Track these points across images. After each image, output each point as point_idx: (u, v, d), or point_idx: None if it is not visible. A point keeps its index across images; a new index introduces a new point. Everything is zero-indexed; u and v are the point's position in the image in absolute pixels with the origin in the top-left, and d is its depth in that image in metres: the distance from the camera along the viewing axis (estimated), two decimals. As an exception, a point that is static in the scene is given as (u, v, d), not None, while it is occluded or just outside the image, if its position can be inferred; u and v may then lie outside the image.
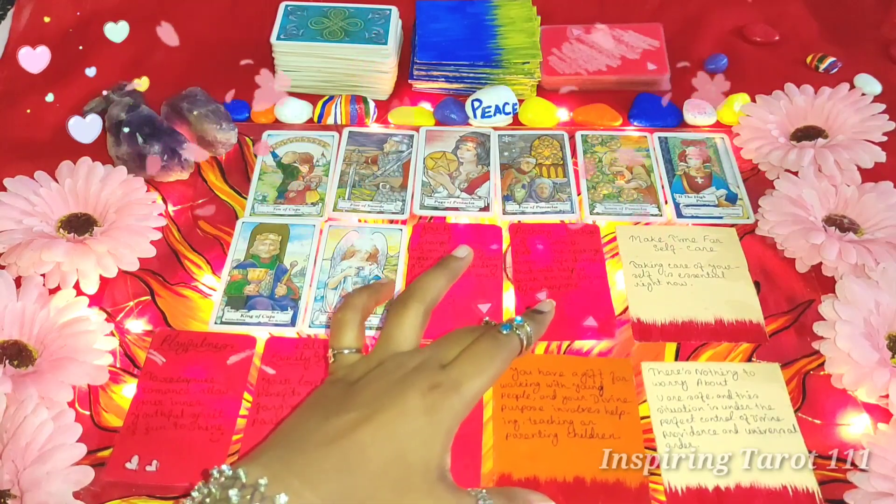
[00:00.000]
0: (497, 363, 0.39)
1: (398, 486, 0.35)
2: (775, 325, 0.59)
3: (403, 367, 0.39)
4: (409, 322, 0.42)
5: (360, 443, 0.35)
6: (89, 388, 0.55)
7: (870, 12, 0.87)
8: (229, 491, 0.32)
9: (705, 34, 0.85)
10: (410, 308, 0.42)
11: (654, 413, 0.54)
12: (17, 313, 0.56)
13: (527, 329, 0.42)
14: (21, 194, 0.63)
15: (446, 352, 0.40)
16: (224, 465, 0.34)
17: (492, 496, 0.38)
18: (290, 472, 0.34)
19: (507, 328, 0.41)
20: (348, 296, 0.45)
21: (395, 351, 0.41)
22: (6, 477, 0.46)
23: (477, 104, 0.74)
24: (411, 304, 0.43)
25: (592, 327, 0.59)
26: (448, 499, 0.36)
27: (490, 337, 0.40)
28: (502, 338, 0.40)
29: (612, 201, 0.68)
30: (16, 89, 0.77)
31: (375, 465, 0.35)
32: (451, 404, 0.37)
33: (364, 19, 0.77)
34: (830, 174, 0.65)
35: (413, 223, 0.66)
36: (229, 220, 0.67)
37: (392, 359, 0.40)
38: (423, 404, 0.37)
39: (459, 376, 0.38)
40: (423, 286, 0.44)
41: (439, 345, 0.41)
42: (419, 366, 0.39)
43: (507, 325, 0.41)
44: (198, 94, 0.71)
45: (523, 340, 0.41)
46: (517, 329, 0.41)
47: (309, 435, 0.36)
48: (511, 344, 0.40)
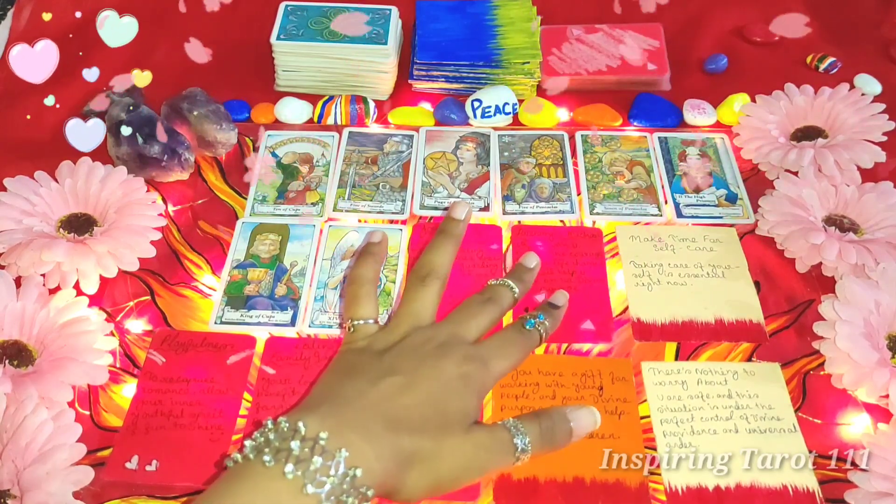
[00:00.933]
0: (520, 352, 0.44)
1: (439, 433, 0.38)
2: (775, 325, 0.59)
3: (433, 340, 0.42)
4: (430, 299, 0.45)
5: (406, 406, 0.38)
6: (89, 388, 0.55)
7: (870, 12, 0.87)
8: (290, 442, 0.33)
9: (705, 34, 0.85)
10: (430, 286, 0.45)
11: (654, 413, 0.54)
12: (17, 313, 0.56)
13: (546, 325, 0.46)
14: (21, 194, 0.63)
15: (467, 329, 0.43)
16: (280, 417, 0.35)
17: (523, 422, 0.41)
18: (348, 428, 0.35)
19: (530, 324, 0.45)
20: (357, 268, 0.47)
21: (415, 325, 0.44)
22: (6, 477, 0.46)
23: (477, 104, 0.74)
24: (430, 283, 0.45)
25: (590, 331, 0.59)
26: (483, 436, 0.40)
27: (516, 328, 0.45)
28: (526, 332, 0.45)
29: (612, 201, 0.68)
30: (16, 89, 0.77)
31: (419, 423, 0.38)
32: (482, 376, 0.41)
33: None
34: (830, 174, 0.65)
35: (413, 223, 0.66)
36: (229, 220, 0.67)
37: (417, 332, 0.43)
38: (458, 372, 0.40)
39: (488, 355, 0.42)
40: (436, 261, 0.46)
41: (459, 322, 0.44)
42: (448, 340, 0.42)
43: (531, 320, 0.46)
44: (198, 94, 0.71)
45: (542, 335, 0.46)
46: (539, 325, 0.46)
47: (358, 397, 0.38)
48: (532, 338, 0.45)
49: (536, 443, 0.42)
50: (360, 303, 0.46)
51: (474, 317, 0.45)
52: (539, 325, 0.46)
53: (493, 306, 0.46)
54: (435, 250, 0.47)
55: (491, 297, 0.46)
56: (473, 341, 0.43)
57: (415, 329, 0.43)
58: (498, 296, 0.47)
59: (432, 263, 0.46)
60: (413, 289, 0.46)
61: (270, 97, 0.77)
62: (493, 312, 0.46)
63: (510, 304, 0.48)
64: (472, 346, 0.42)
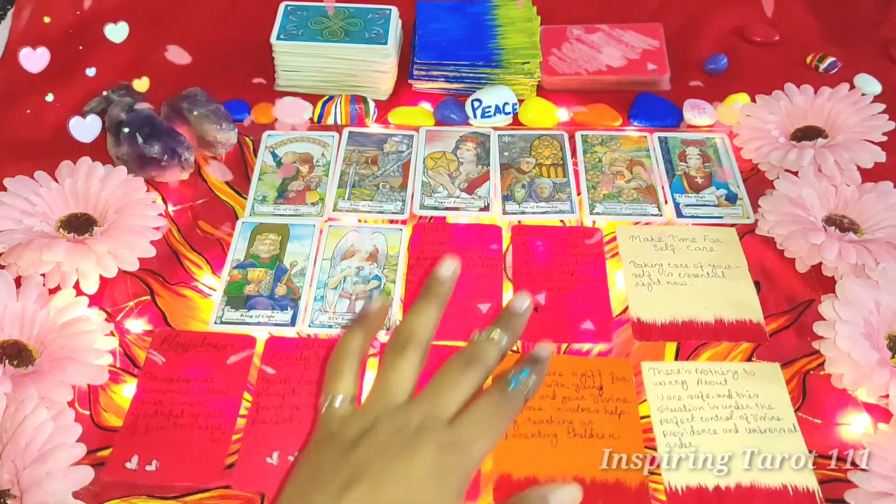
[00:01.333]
0: (505, 423, 0.38)
1: None
2: (775, 325, 0.59)
3: (406, 427, 0.37)
4: (409, 371, 0.39)
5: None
6: (89, 388, 0.55)
7: (870, 12, 0.87)
8: None
9: (705, 34, 0.85)
10: (409, 356, 0.40)
11: (654, 413, 0.54)
12: (17, 313, 0.56)
13: (531, 382, 0.40)
14: (21, 194, 0.63)
15: (445, 405, 0.38)
16: None
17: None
18: None
19: (514, 383, 0.39)
20: (344, 338, 0.42)
21: (392, 402, 0.38)
22: (6, 477, 0.46)
23: (477, 104, 0.74)
24: (410, 352, 0.40)
25: (590, 331, 0.59)
26: None
27: (498, 393, 0.38)
28: (510, 394, 0.38)
29: (612, 201, 0.68)
30: (16, 89, 0.77)
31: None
32: (462, 466, 0.36)
33: (364, 19, 0.77)
34: (830, 174, 0.65)
35: (413, 223, 0.66)
36: (229, 221, 0.66)
37: (389, 417, 0.38)
38: (433, 467, 0.35)
39: (468, 438, 0.36)
40: (417, 326, 0.41)
41: (436, 396, 0.38)
42: (423, 424, 0.37)
43: (515, 378, 0.39)
44: (198, 94, 0.71)
45: (527, 396, 0.39)
46: (524, 384, 0.39)
47: None
48: (516, 403, 0.39)
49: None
50: (338, 377, 0.41)
51: (454, 387, 0.38)
52: (523, 383, 0.39)
53: (477, 369, 0.39)
54: (417, 314, 0.42)
55: (474, 356, 0.40)
56: (452, 416, 0.37)
57: (387, 412, 0.38)
58: (482, 355, 0.40)
59: (413, 330, 0.41)
60: (390, 359, 0.40)
61: (270, 97, 0.77)
62: (477, 377, 0.39)
63: (496, 361, 0.41)
64: (451, 428, 0.37)
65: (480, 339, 0.41)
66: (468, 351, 0.40)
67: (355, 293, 0.61)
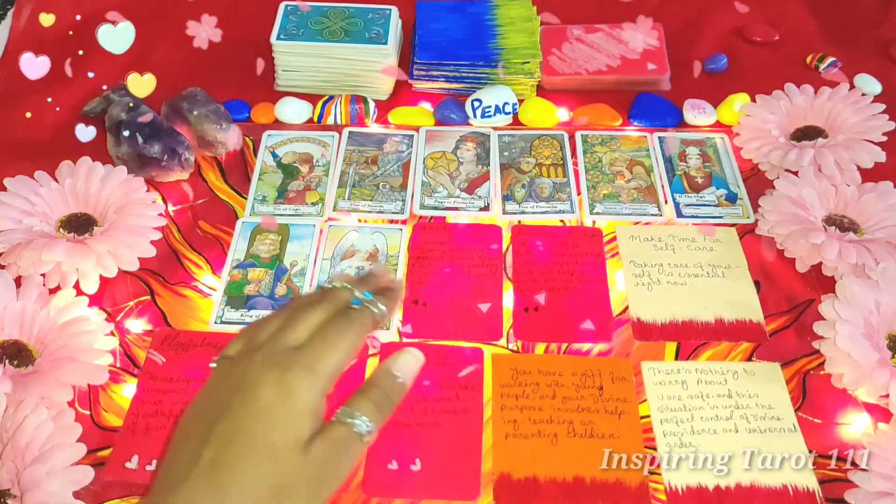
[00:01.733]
0: (349, 338, 0.39)
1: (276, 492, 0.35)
2: (775, 325, 0.59)
3: (255, 360, 0.38)
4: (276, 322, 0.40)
5: (228, 466, 0.34)
6: (89, 388, 0.55)
7: (870, 12, 0.87)
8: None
9: (705, 34, 0.85)
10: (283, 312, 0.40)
11: (654, 412, 0.54)
12: (17, 313, 0.56)
13: (378, 303, 0.41)
14: (21, 194, 0.63)
15: (296, 332, 0.39)
16: None
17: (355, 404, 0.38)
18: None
19: (356, 302, 0.41)
20: None
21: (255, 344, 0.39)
22: (6, 477, 0.46)
23: (477, 104, 0.74)
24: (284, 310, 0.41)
25: (590, 330, 0.59)
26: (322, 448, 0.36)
27: (341, 314, 0.40)
28: (353, 313, 0.40)
29: (612, 201, 0.68)
30: (16, 90, 0.77)
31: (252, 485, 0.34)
32: (309, 383, 0.37)
33: (364, 19, 0.77)
34: (830, 174, 0.65)
35: (413, 223, 0.66)
36: (229, 220, 0.67)
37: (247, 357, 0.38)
38: (280, 390, 0.36)
39: (311, 356, 0.38)
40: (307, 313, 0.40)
41: (287, 323, 0.39)
42: (266, 354, 0.38)
43: (355, 299, 0.41)
44: (198, 94, 0.71)
45: (375, 313, 0.41)
46: (368, 303, 0.41)
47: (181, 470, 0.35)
48: (362, 318, 0.40)
49: (377, 416, 0.39)
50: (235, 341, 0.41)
51: (301, 319, 0.39)
52: (367, 302, 0.41)
53: (324, 304, 0.40)
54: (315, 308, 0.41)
55: (323, 295, 0.41)
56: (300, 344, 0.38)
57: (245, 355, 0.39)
58: (331, 293, 0.41)
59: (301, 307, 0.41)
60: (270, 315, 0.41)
61: (270, 97, 0.77)
62: (325, 311, 0.40)
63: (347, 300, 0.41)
64: (294, 351, 0.38)
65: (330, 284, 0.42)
66: (317, 293, 0.41)
67: (355, 293, 0.61)
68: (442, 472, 0.51)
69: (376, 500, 0.50)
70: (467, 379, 0.56)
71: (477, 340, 0.58)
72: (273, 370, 0.37)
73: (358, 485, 0.50)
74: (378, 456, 0.52)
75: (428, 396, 0.55)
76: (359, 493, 0.50)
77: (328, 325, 0.39)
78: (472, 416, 0.54)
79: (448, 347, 0.58)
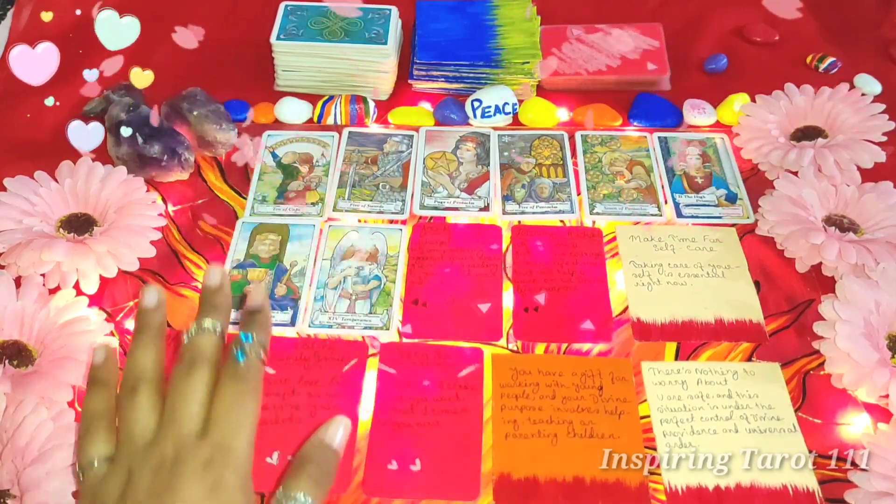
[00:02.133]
0: (252, 400, 0.37)
1: None
2: (775, 325, 0.59)
3: (163, 463, 0.35)
4: (144, 408, 0.37)
5: None
6: (89, 388, 0.55)
7: (870, 12, 0.87)
8: None
9: (705, 34, 0.85)
10: (140, 395, 0.38)
11: (654, 413, 0.54)
12: (17, 313, 0.56)
13: (258, 343, 0.39)
14: (21, 194, 0.63)
15: (188, 418, 0.36)
16: None
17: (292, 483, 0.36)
18: None
19: (241, 356, 0.38)
20: (85, 402, 0.40)
21: (140, 445, 0.36)
22: (6, 477, 0.46)
23: (477, 104, 0.74)
24: (140, 392, 0.38)
25: (590, 330, 0.59)
26: None
27: (230, 378, 0.37)
28: (242, 370, 0.38)
29: (611, 201, 0.68)
30: (16, 90, 0.77)
31: None
32: (233, 467, 0.35)
33: (364, 19, 0.77)
34: (830, 174, 0.65)
35: (413, 223, 0.66)
36: (229, 220, 0.67)
37: (143, 461, 0.36)
38: (206, 490, 0.34)
39: (224, 439, 0.35)
40: (140, 365, 0.39)
41: (174, 413, 0.37)
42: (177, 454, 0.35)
43: (239, 351, 0.38)
44: (198, 94, 0.71)
45: (260, 355, 0.39)
46: (250, 350, 0.39)
47: None
48: (254, 370, 0.38)
49: (317, 491, 0.37)
50: (86, 442, 0.38)
51: (187, 397, 0.37)
52: (250, 348, 0.38)
53: (200, 368, 0.38)
54: (135, 353, 0.40)
55: (192, 357, 0.39)
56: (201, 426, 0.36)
57: (138, 457, 0.36)
58: (199, 351, 0.39)
59: (136, 369, 0.39)
60: (125, 405, 0.38)
61: (270, 97, 0.77)
62: (204, 376, 0.38)
63: (217, 348, 0.40)
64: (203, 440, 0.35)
65: (191, 335, 0.40)
66: (185, 354, 0.39)
67: (355, 293, 0.61)
68: (442, 473, 0.51)
69: (376, 500, 0.50)
70: (467, 379, 0.56)
71: (477, 340, 0.58)
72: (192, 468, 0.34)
73: (358, 485, 0.50)
74: (378, 456, 0.52)
75: (428, 396, 0.55)
76: (359, 493, 0.50)
77: (224, 394, 0.37)
78: (472, 416, 0.54)
79: (448, 347, 0.58)
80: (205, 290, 0.42)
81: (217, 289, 0.42)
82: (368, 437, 0.53)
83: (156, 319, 0.41)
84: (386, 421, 0.53)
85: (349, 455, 0.52)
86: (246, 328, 0.40)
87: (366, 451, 0.52)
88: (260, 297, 0.42)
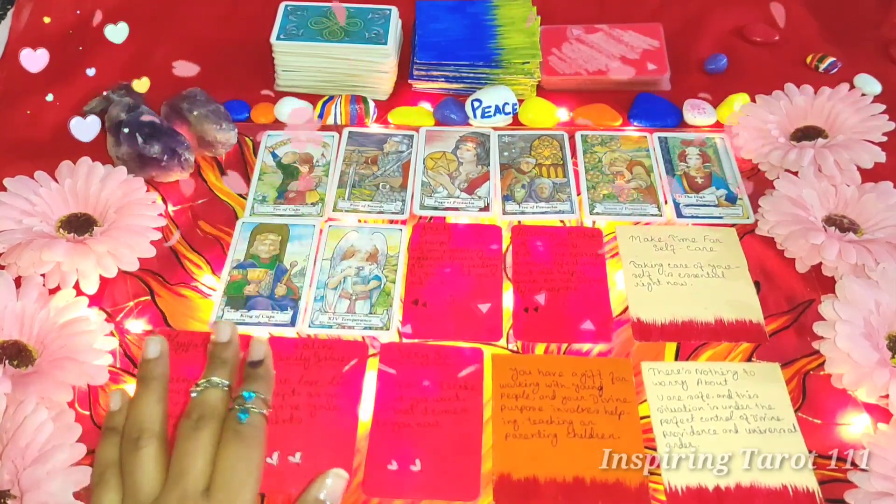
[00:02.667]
0: (255, 459, 0.38)
1: None
2: (775, 325, 0.59)
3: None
4: (148, 464, 0.38)
5: None
6: (89, 388, 0.55)
7: (870, 12, 0.87)
8: None
9: (705, 34, 0.85)
10: (143, 449, 0.38)
11: (654, 413, 0.54)
12: (17, 313, 0.56)
13: (260, 399, 0.40)
14: (21, 194, 0.63)
15: (194, 477, 0.37)
16: None
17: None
18: None
19: (243, 417, 0.39)
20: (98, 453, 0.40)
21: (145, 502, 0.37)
22: (6, 477, 0.46)
23: (477, 104, 0.74)
24: (143, 446, 0.39)
25: (590, 331, 0.59)
26: None
27: (233, 436, 0.38)
28: (245, 430, 0.38)
29: (611, 201, 0.68)
30: (16, 89, 0.77)
31: None
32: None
33: (364, 19, 0.77)
34: (830, 174, 0.65)
35: (413, 223, 0.66)
36: (229, 220, 0.67)
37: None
38: None
39: (229, 497, 0.36)
40: (143, 418, 0.40)
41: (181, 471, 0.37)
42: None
43: (241, 412, 0.39)
44: (198, 95, 0.71)
45: (263, 412, 0.40)
46: (253, 408, 0.39)
47: None
48: (257, 428, 0.39)
49: None
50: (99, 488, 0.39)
51: (193, 455, 0.38)
52: (252, 407, 0.39)
53: (206, 425, 0.39)
54: (138, 406, 0.40)
55: (199, 414, 0.39)
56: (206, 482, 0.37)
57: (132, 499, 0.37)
58: (205, 407, 0.39)
59: (139, 421, 0.39)
60: (129, 461, 0.38)
61: (270, 97, 0.76)
62: (210, 432, 0.38)
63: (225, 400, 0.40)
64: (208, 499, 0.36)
65: (197, 391, 0.40)
66: (193, 410, 0.40)
67: (355, 293, 0.61)
68: (442, 473, 0.51)
69: (376, 500, 0.50)
70: (467, 379, 0.56)
71: (477, 341, 0.58)
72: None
73: (358, 485, 0.50)
74: (378, 456, 0.52)
75: (428, 397, 0.55)
76: (359, 493, 0.50)
77: (227, 455, 0.38)
78: (472, 416, 0.54)
79: (448, 348, 0.58)
80: (214, 345, 0.43)
81: (226, 344, 0.43)
82: (368, 438, 0.53)
83: (158, 370, 0.42)
84: (386, 421, 0.53)
85: (349, 455, 0.52)
86: (248, 383, 0.41)
87: (366, 451, 0.52)
88: (262, 351, 0.43)
